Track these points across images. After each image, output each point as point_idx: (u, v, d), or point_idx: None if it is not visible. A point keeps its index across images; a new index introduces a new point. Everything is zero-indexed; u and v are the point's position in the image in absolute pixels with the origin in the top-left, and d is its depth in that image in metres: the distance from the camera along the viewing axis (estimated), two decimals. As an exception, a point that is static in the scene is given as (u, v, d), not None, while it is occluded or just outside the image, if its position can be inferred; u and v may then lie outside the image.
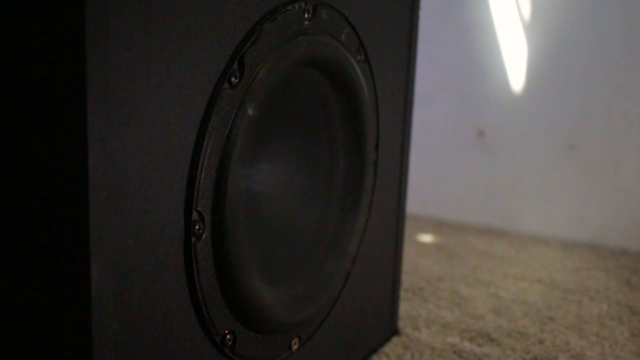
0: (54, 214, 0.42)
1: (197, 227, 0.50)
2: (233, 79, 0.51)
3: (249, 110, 0.53)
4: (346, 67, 0.64)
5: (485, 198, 1.49)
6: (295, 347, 0.65)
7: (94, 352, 0.42)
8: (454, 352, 0.84)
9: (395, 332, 0.88)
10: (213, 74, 0.50)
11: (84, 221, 0.41)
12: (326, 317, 0.70)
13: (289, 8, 0.56)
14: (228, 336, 0.56)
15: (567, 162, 1.39)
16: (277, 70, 0.55)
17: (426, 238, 1.39)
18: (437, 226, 1.49)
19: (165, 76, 0.45)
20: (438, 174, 1.54)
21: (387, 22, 0.74)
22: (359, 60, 0.68)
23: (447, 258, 1.25)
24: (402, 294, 0.99)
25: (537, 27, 1.38)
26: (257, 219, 0.58)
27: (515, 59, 1.41)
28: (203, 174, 0.50)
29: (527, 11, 1.38)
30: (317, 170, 0.69)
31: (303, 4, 0.58)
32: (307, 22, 0.59)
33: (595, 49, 1.33)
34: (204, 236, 0.51)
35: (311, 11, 0.60)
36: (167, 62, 0.45)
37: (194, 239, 0.50)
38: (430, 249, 1.31)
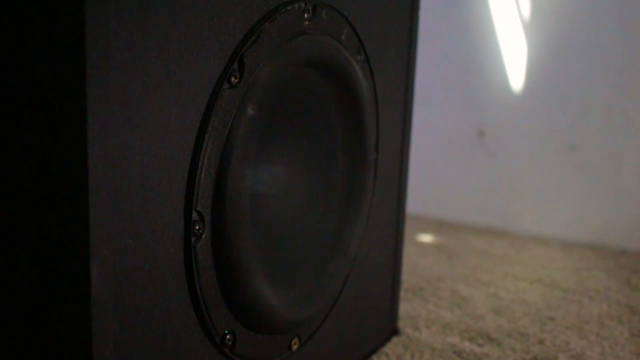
0: (54, 214, 0.42)
1: (197, 227, 0.50)
2: (233, 79, 0.51)
3: (248, 110, 0.53)
4: (346, 67, 0.64)
5: (485, 198, 1.49)
6: (295, 347, 0.65)
7: (94, 352, 0.42)
8: (454, 352, 0.84)
9: (395, 332, 0.88)
10: (213, 74, 0.50)
11: (84, 221, 0.41)
12: (326, 317, 0.70)
13: (288, 8, 0.56)
14: (228, 336, 0.56)
15: (567, 162, 1.39)
16: (277, 70, 0.55)
17: (426, 238, 1.39)
18: (437, 226, 1.49)
19: (165, 76, 0.45)
20: (438, 174, 1.54)
21: (387, 22, 0.74)
22: (359, 60, 0.68)
23: (447, 258, 1.25)
24: (402, 294, 0.99)
25: (537, 27, 1.38)
26: (258, 219, 0.58)
27: (515, 59, 1.41)
28: (203, 174, 0.50)
29: (527, 11, 1.38)
30: (318, 170, 0.69)
31: (303, 4, 0.58)
32: (307, 22, 0.59)
33: (595, 49, 1.33)
34: (203, 236, 0.51)
35: (311, 11, 0.60)
36: (167, 62, 0.45)
37: (193, 239, 0.50)
38: (430, 249, 1.31)
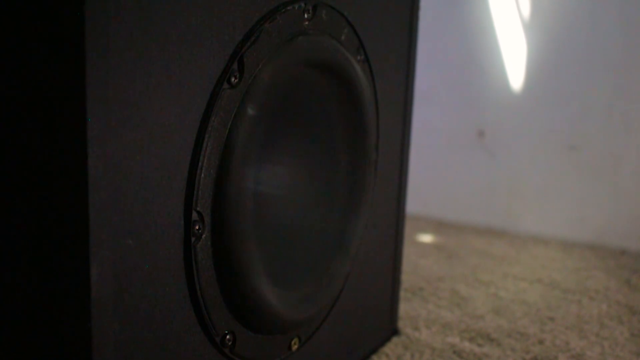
0: (54, 214, 0.42)
1: (197, 227, 0.50)
2: (233, 79, 0.51)
3: (248, 110, 0.53)
4: (346, 67, 0.64)
5: (485, 198, 1.49)
6: (295, 347, 0.65)
7: (93, 352, 0.42)
8: (454, 352, 0.84)
9: (395, 332, 0.88)
10: (213, 74, 0.50)
11: (83, 221, 0.41)
12: (326, 317, 0.70)
13: (288, 8, 0.56)
14: (228, 336, 0.56)
15: (567, 162, 1.39)
16: (277, 70, 0.55)
17: (426, 238, 1.39)
18: (437, 226, 1.49)
19: (165, 76, 0.45)
20: (438, 174, 1.54)
21: (387, 22, 0.74)
22: (359, 61, 0.68)
23: (447, 258, 1.25)
24: (402, 294, 0.99)
25: (537, 27, 1.38)
26: (259, 219, 0.58)
27: (515, 59, 1.41)
28: (203, 174, 0.50)
29: (527, 11, 1.38)
30: (319, 170, 0.69)
31: (303, 4, 0.58)
32: (306, 22, 0.59)
33: (595, 50, 1.33)
34: (203, 236, 0.51)
35: (311, 11, 0.60)
36: (166, 62, 0.45)
37: (193, 239, 0.50)
38: (430, 249, 1.31)
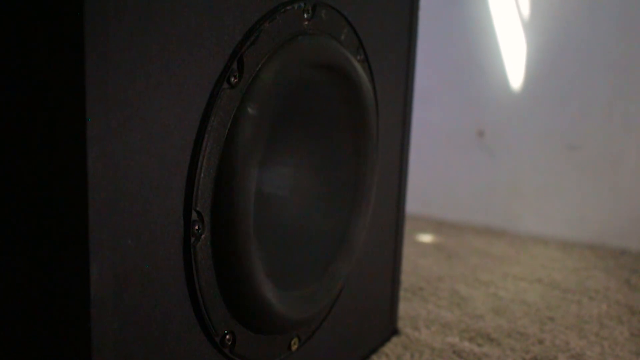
0: (54, 214, 0.42)
1: (197, 227, 0.50)
2: (232, 79, 0.51)
3: (248, 110, 0.53)
4: (347, 66, 0.64)
5: (485, 198, 1.49)
6: (294, 347, 0.65)
7: (93, 352, 0.42)
8: (454, 352, 0.84)
9: (394, 332, 0.88)
10: (212, 74, 0.50)
11: (83, 221, 0.41)
12: (326, 317, 0.70)
13: (288, 8, 0.56)
14: (227, 336, 0.56)
15: (567, 162, 1.39)
16: (277, 70, 0.55)
17: (426, 238, 1.39)
18: (437, 226, 1.49)
19: (165, 76, 0.45)
20: (438, 174, 1.54)
21: (387, 22, 0.74)
22: (359, 60, 0.68)
23: (447, 258, 1.25)
24: (401, 293, 0.99)
25: (536, 27, 1.38)
26: (259, 218, 0.58)
27: (515, 59, 1.41)
28: (202, 174, 0.50)
29: (526, 11, 1.38)
30: (320, 170, 0.69)
31: (302, 4, 0.58)
32: (306, 22, 0.59)
33: (595, 50, 1.33)
34: (203, 236, 0.51)
35: (310, 11, 0.60)
36: (166, 62, 0.45)
37: (193, 239, 0.50)
38: (430, 249, 1.31)
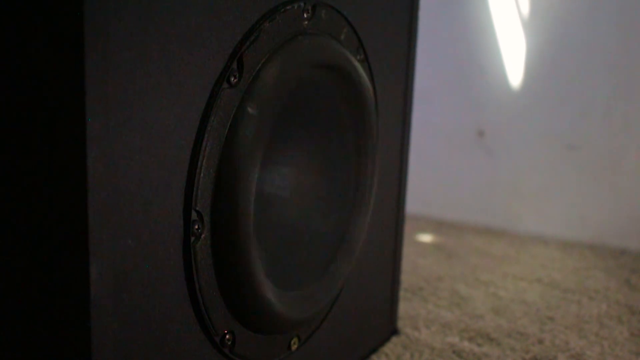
0: (53, 214, 0.42)
1: (197, 226, 0.50)
2: (232, 79, 0.51)
3: (248, 109, 0.53)
4: (347, 66, 0.64)
5: (485, 198, 1.49)
6: (294, 347, 0.65)
7: (93, 352, 0.42)
8: (454, 352, 0.84)
9: (394, 331, 0.88)
10: (212, 74, 0.50)
11: (83, 221, 0.41)
12: (326, 317, 0.70)
13: (288, 8, 0.56)
14: (227, 336, 0.56)
15: (567, 162, 1.39)
16: (277, 70, 0.55)
17: (426, 238, 1.39)
18: (437, 226, 1.49)
19: (165, 76, 0.45)
20: (438, 174, 1.54)
21: (387, 21, 0.74)
22: (359, 60, 0.68)
23: (447, 258, 1.25)
24: (401, 293, 0.99)
25: (536, 27, 1.38)
26: (259, 218, 0.58)
27: (514, 58, 1.41)
28: (202, 174, 0.50)
29: (526, 11, 1.38)
30: (321, 170, 0.69)
31: (302, 4, 0.58)
32: (306, 22, 0.59)
33: (595, 49, 1.33)
34: (203, 236, 0.51)
35: (310, 11, 0.60)
36: (166, 62, 0.45)
37: (193, 238, 0.50)
38: (430, 248, 1.31)
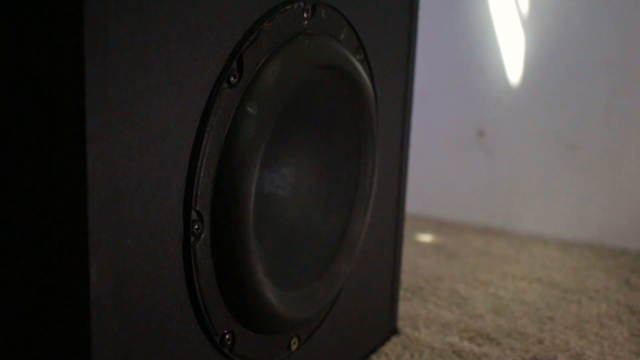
0: (53, 214, 0.42)
1: (196, 226, 0.50)
2: (232, 79, 0.51)
3: (248, 109, 0.53)
4: (347, 66, 0.64)
5: (485, 198, 1.49)
6: (294, 346, 0.66)
7: (93, 352, 0.42)
8: (453, 352, 0.84)
9: (394, 331, 0.88)
10: (212, 74, 0.50)
11: (83, 221, 0.41)
12: (325, 317, 0.70)
13: (288, 7, 0.56)
14: (227, 336, 0.56)
15: (567, 162, 1.39)
16: (276, 69, 0.55)
17: (426, 238, 1.39)
18: (437, 226, 1.49)
19: (164, 76, 0.45)
20: (438, 173, 1.54)
21: (387, 21, 0.74)
22: (359, 60, 0.68)
23: (447, 258, 1.25)
24: (401, 293, 0.99)
25: (536, 27, 1.38)
26: (259, 218, 0.58)
27: (514, 58, 1.41)
28: (202, 174, 0.50)
29: (526, 11, 1.38)
30: (322, 170, 0.69)
31: (302, 4, 0.58)
32: (306, 22, 0.59)
33: (595, 49, 1.33)
34: (203, 236, 0.51)
35: (310, 11, 0.60)
36: (166, 62, 0.45)
37: (193, 238, 0.50)
38: (430, 248, 1.31)
